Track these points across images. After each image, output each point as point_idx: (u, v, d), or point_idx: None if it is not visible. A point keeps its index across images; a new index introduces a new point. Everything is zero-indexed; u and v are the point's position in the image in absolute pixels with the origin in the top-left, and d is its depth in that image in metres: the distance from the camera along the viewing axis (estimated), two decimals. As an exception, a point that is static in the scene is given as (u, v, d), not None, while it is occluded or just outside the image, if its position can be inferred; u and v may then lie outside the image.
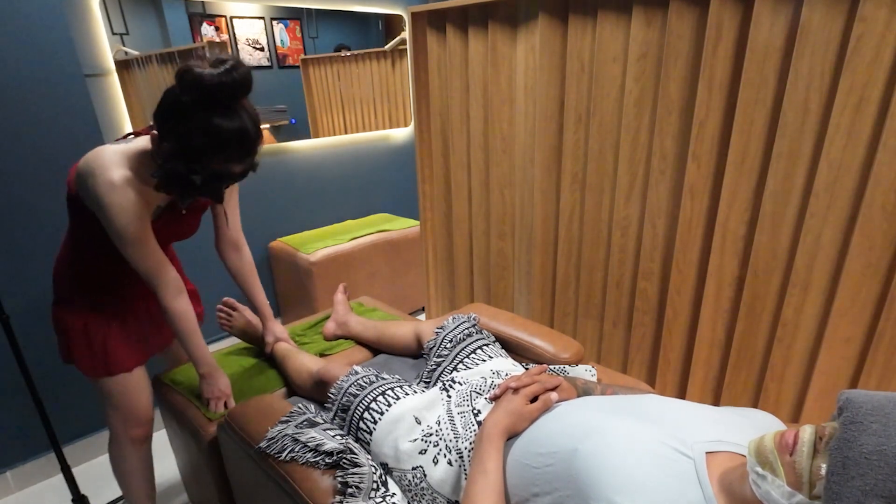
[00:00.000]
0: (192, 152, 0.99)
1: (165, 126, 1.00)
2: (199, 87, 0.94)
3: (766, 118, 1.20)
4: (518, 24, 1.60)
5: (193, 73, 0.94)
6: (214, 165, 1.02)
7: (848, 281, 1.14)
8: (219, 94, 0.96)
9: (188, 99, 0.96)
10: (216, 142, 0.99)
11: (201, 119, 0.97)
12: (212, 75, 0.94)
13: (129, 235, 1.08)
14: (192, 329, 1.25)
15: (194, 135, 0.98)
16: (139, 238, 1.10)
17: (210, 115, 0.97)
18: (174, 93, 0.98)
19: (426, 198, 2.13)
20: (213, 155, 1.00)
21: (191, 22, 2.18)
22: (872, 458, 0.54)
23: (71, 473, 1.40)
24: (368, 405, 1.07)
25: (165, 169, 1.01)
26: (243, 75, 0.97)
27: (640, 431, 0.73)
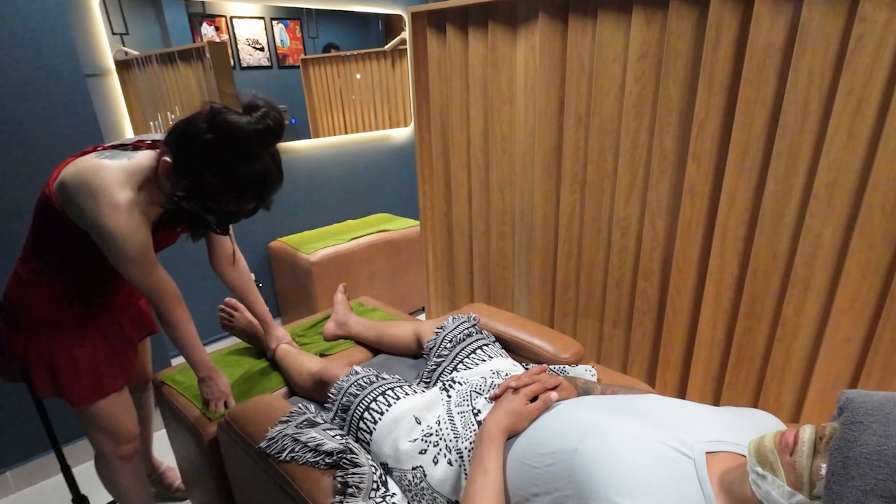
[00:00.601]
0: (211, 193, 0.99)
1: (184, 161, 0.99)
2: (232, 135, 0.94)
3: (766, 118, 1.20)
4: (518, 25, 1.60)
5: (228, 121, 0.93)
6: (230, 206, 1.02)
7: (848, 281, 1.14)
8: (251, 143, 0.96)
9: (215, 141, 0.95)
10: (237, 186, 0.99)
11: (227, 163, 0.97)
12: (249, 123, 0.94)
13: (135, 258, 1.05)
14: (192, 336, 1.23)
15: (215, 176, 0.97)
16: (144, 258, 1.07)
17: (236, 159, 0.97)
18: (199, 129, 0.96)
19: (426, 198, 2.13)
20: (231, 198, 1.01)
21: (191, 22, 2.18)
22: (872, 458, 0.54)
23: (71, 473, 1.40)
24: (368, 405, 1.07)
25: (179, 205, 1.00)
26: (277, 121, 0.97)
27: (640, 431, 0.73)
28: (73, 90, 1.60)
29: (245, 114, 0.95)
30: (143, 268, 1.08)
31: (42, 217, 1.10)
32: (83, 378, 1.20)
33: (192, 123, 0.98)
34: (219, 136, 0.95)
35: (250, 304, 1.46)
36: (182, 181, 0.99)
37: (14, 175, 1.54)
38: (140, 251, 1.05)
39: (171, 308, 1.16)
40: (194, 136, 0.97)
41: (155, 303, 1.14)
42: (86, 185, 0.98)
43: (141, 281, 1.10)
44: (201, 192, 0.99)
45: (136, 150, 1.09)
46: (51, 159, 1.59)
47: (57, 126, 1.59)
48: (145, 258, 1.08)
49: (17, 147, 1.54)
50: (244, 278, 1.43)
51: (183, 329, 1.20)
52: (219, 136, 0.95)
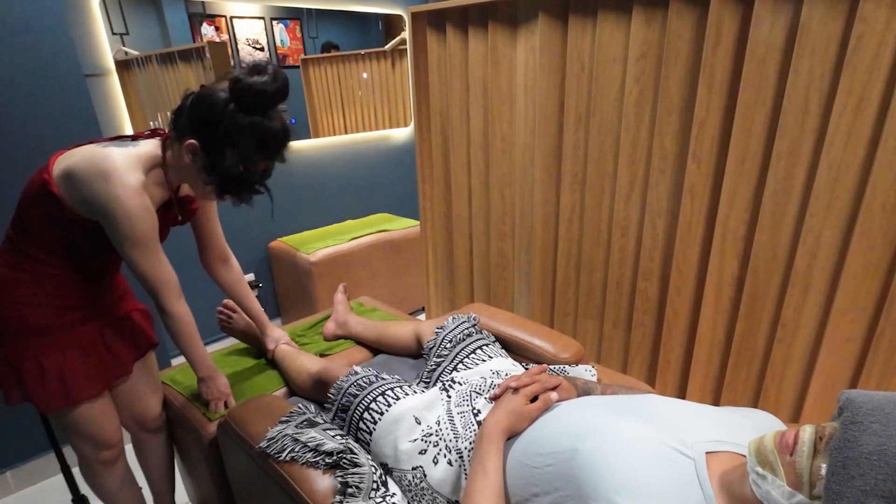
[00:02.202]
0: (245, 158, 1.06)
1: (212, 136, 1.05)
2: (258, 97, 1.02)
3: (766, 118, 1.20)
4: (518, 24, 1.60)
5: (252, 85, 1.01)
6: (260, 166, 1.10)
7: (848, 281, 1.14)
8: (275, 101, 1.04)
9: (241, 107, 1.03)
10: (267, 145, 1.07)
11: (257, 125, 1.04)
12: (268, 83, 1.02)
13: (143, 240, 1.06)
14: (192, 332, 1.21)
15: (248, 141, 1.05)
16: (152, 241, 1.09)
17: (262, 120, 1.05)
18: (222, 101, 1.03)
19: (426, 198, 2.13)
20: (261, 158, 1.08)
21: (191, 22, 2.18)
22: (873, 457, 0.54)
23: (71, 473, 1.40)
24: (368, 405, 1.07)
25: (227, 174, 1.06)
26: (284, 80, 1.05)
27: (640, 431, 0.73)
28: (73, 90, 1.60)
29: (260, 75, 1.02)
30: (149, 252, 1.09)
31: (34, 205, 1.08)
32: (49, 384, 1.13)
33: (213, 100, 1.03)
34: (244, 102, 1.02)
35: (245, 305, 1.46)
36: (213, 156, 1.06)
37: (14, 175, 1.54)
38: (149, 234, 1.07)
39: (172, 299, 1.15)
40: (221, 110, 1.03)
41: (156, 293, 1.13)
42: (99, 168, 1.00)
43: (146, 267, 1.10)
44: (237, 160, 1.05)
45: (135, 140, 1.12)
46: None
47: (57, 126, 1.59)
48: (153, 241, 1.09)
49: (17, 147, 1.54)
50: (237, 278, 1.43)
51: (183, 323, 1.18)
52: (244, 102, 1.02)
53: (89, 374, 1.18)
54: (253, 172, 1.09)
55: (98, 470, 1.31)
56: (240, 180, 1.08)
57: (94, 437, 1.25)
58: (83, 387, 1.17)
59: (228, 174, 1.07)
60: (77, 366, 1.16)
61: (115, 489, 1.35)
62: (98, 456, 1.28)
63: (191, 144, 1.06)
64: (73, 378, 1.15)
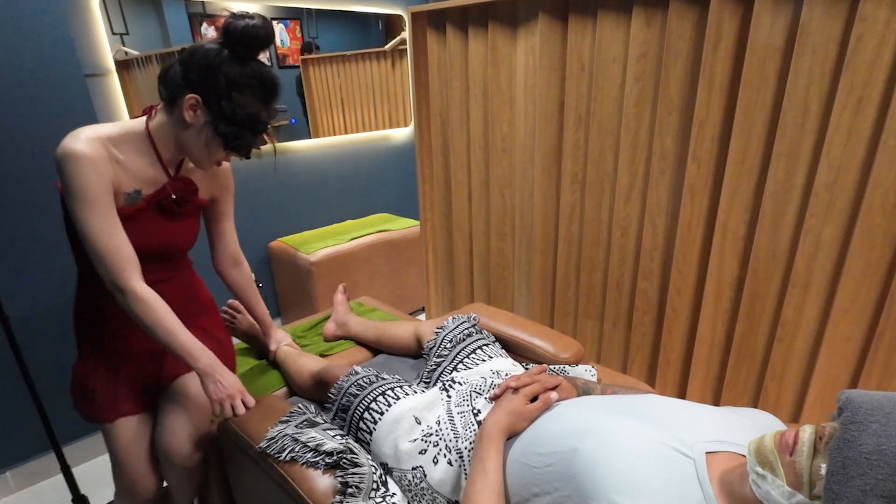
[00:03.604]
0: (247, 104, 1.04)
1: (213, 87, 1.02)
2: (249, 36, 1.01)
3: (766, 118, 1.20)
4: (518, 24, 1.60)
5: (242, 26, 1.00)
6: (262, 115, 1.07)
7: (848, 281, 1.14)
8: (267, 41, 1.03)
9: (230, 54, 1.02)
10: (264, 87, 1.05)
11: (253, 70, 1.04)
12: (255, 25, 1.01)
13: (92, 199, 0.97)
14: (164, 315, 1.03)
15: (247, 84, 1.03)
16: (102, 202, 0.98)
17: (256, 64, 1.04)
18: (215, 50, 1.01)
19: (426, 198, 2.13)
20: (261, 105, 1.06)
21: (191, 22, 2.17)
22: (872, 457, 0.54)
23: (71, 473, 1.40)
24: (368, 405, 1.07)
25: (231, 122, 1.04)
26: (270, 24, 1.04)
27: (640, 431, 0.73)
28: (73, 90, 1.60)
29: (250, 19, 1.01)
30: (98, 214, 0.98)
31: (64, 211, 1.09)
32: (77, 392, 1.20)
33: (205, 50, 1.02)
34: (238, 47, 1.02)
35: (251, 306, 1.45)
36: (217, 106, 1.03)
37: (14, 175, 1.54)
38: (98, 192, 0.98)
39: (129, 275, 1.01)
40: (217, 59, 1.01)
41: (107, 265, 1.00)
42: (60, 147, 0.97)
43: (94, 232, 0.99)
44: (242, 105, 1.04)
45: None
46: (51, 159, 1.59)
47: (57, 126, 1.59)
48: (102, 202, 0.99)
49: (17, 147, 1.54)
50: (246, 280, 1.42)
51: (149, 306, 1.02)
52: (238, 47, 1.02)
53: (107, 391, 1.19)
54: (257, 118, 1.06)
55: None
56: (249, 125, 1.06)
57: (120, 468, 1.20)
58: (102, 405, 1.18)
59: (237, 121, 1.04)
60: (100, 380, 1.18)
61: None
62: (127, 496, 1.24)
63: (192, 98, 1.02)
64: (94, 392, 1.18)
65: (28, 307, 1.65)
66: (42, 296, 1.66)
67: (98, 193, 0.98)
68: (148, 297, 1.03)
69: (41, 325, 1.68)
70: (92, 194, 0.97)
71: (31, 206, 1.59)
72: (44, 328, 1.69)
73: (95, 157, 0.97)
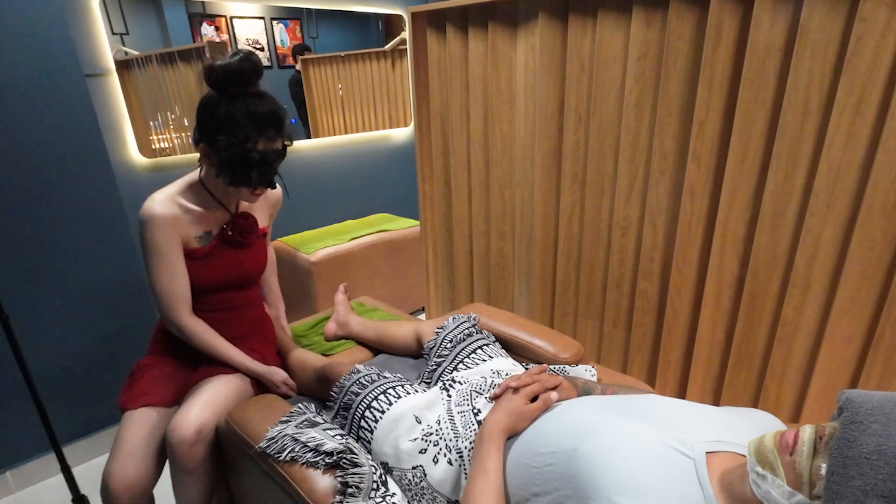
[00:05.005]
0: (245, 137, 1.11)
1: (212, 132, 1.12)
2: (229, 75, 1.08)
3: (766, 118, 1.20)
4: (518, 24, 1.60)
5: (220, 65, 1.08)
6: (262, 146, 1.13)
7: (848, 281, 1.14)
8: (237, 77, 1.08)
9: (219, 95, 1.10)
10: (252, 119, 1.11)
11: (240, 108, 1.10)
12: (230, 62, 1.08)
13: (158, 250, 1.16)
14: (212, 339, 1.26)
15: (234, 119, 1.10)
16: (168, 253, 1.17)
17: (246, 103, 1.10)
18: (205, 96, 1.12)
19: (426, 198, 2.13)
20: (260, 135, 1.12)
21: (191, 22, 2.17)
22: (872, 457, 0.54)
23: (71, 473, 1.40)
24: (370, 404, 1.07)
25: (227, 161, 1.12)
26: (250, 58, 1.11)
27: (640, 431, 0.73)
28: (73, 90, 1.60)
29: (230, 57, 1.09)
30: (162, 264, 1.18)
31: None
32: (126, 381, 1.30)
33: (204, 100, 1.12)
34: (220, 86, 1.10)
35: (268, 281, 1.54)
36: (221, 151, 1.11)
37: (14, 175, 1.54)
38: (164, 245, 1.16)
39: (179, 313, 1.22)
40: (207, 103, 1.12)
41: (163, 305, 1.21)
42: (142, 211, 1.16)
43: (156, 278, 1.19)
44: (236, 142, 1.10)
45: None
46: (51, 159, 1.59)
47: (57, 126, 1.59)
48: (168, 253, 1.17)
49: (17, 147, 1.54)
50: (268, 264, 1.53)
51: (197, 334, 1.24)
52: (220, 86, 1.10)
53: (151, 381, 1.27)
54: (251, 152, 1.12)
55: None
56: (239, 162, 1.12)
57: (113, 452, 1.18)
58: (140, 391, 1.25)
59: (227, 159, 1.12)
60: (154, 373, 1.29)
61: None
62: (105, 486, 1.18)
63: (202, 148, 1.15)
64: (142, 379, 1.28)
65: (28, 307, 1.65)
66: (42, 296, 1.66)
67: (165, 249, 1.17)
68: (195, 329, 1.25)
69: (41, 325, 1.68)
70: (160, 249, 1.17)
71: (32, 206, 1.59)
72: (44, 328, 1.69)
73: (168, 218, 1.16)
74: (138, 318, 1.88)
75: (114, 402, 1.32)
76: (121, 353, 1.86)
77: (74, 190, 1.65)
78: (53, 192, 1.61)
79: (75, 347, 1.77)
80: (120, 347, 1.86)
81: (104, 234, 1.73)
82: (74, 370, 1.78)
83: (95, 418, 1.88)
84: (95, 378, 1.83)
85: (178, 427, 1.14)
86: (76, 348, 1.77)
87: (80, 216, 1.67)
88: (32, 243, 1.62)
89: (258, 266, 1.37)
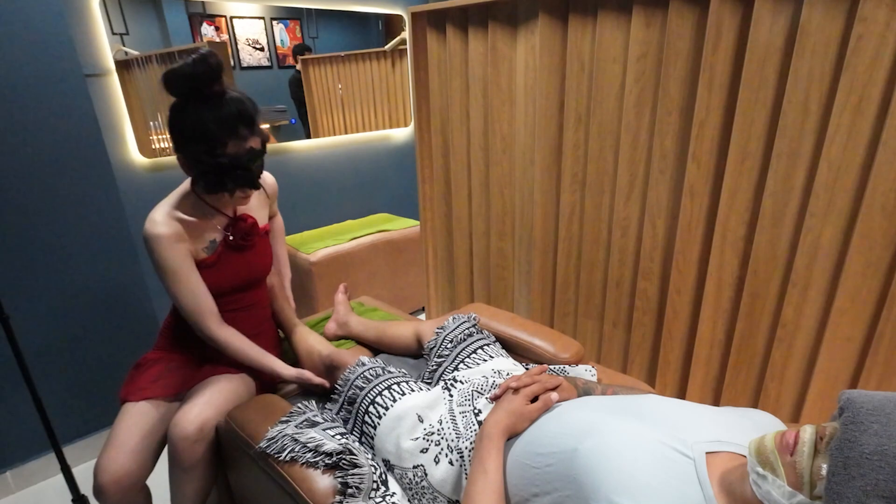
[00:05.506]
0: (212, 143, 1.07)
1: (180, 137, 1.09)
2: (178, 80, 1.04)
3: (766, 118, 1.20)
4: (518, 24, 1.60)
5: (173, 69, 1.04)
6: (232, 149, 1.09)
7: (848, 281, 1.14)
8: (197, 82, 1.04)
9: (183, 102, 1.06)
10: (225, 125, 1.07)
11: (205, 113, 1.06)
12: (182, 66, 1.03)
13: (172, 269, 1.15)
14: (246, 348, 1.26)
15: (205, 125, 1.06)
16: (181, 271, 1.16)
17: (209, 108, 1.06)
18: (173, 107, 1.09)
19: (426, 198, 2.13)
20: (227, 139, 1.08)
21: (191, 22, 2.17)
22: (873, 458, 0.54)
23: (71, 473, 1.40)
24: (374, 399, 1.07)
25: (200, 170, 1.09)
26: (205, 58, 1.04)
27: (640, 431, 0.73)
28: (73, 90, 1.60)
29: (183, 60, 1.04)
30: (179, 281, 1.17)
31: None
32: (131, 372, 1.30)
33: (171, 111, 1.09)
34: (180, 92, 1.06)
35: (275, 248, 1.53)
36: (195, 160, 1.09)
37: (14, 175, 1.54)
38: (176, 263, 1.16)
39: (210, 325, 1.22)
40: (172, 112, 1.08)
41: (193, 320, 1.21)
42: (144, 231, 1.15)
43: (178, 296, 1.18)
44: (205, 148, 1.07)
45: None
46: (51, 159, 1.59)
47: (57, 126, 1.59)
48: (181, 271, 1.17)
49: (17, 147, 1.53)
50: (277, 229, 1.54)
51: (230, 345, 1.24)
52: (180, 92, 1.06)
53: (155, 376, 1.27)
54: (219, 158, 1.08)
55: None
56: (211, 170, 1.09)
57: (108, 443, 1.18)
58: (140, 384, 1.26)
59: (200, 167, 1.09)
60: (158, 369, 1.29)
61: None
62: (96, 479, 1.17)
63: (178, 159, 1.12)
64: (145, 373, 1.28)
65: (28, 307, 1.65)
66: (42, 296, 1.66)
67: (178, 265, 1.16)
68: (226, 338, 1.24)
69: (41, 325, 1.68)
70: (173, 267, 1.16)
71: (31, 206, 1.59)
72: (44, 328, 1.69)
73: (173, 235, 1.14)
74: (138, 318, 1.88)
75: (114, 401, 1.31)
76: (121, 352, 1.86)
77: (74, 190, 1.65)
78: (53, 192, 1.61)
79: (75, 347, 1.76)
80: (120, 347, 1.86)
81: (104, 234, 1.73)
82: (74, 370, 1.78)
83: (95, 418, 1.88)
84: (95, 378, 1.83)
85: (180, 423, 1.15)
86: (76, 348, 1.77)
87: (80, 216, 1.67)
88: (32, 243, 1.62)
89: (265, 265, 1.37)
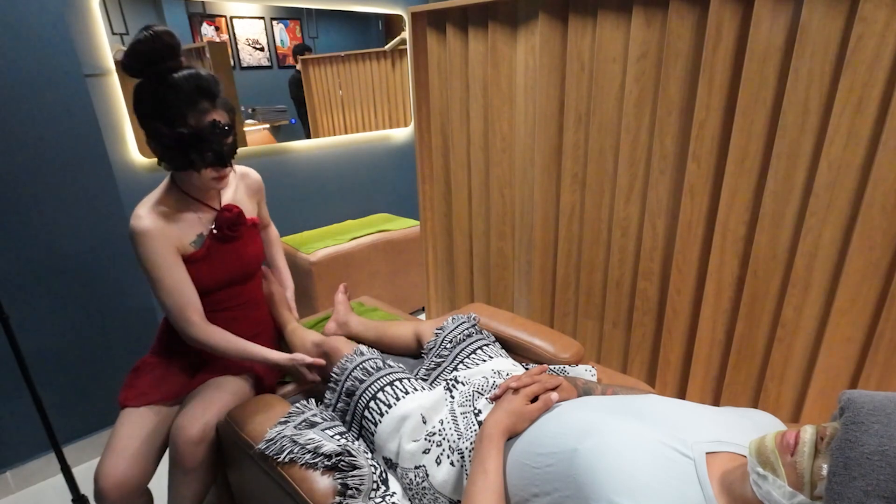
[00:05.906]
0: (170, 115, 1.06)
1: (142, 116, 1.08)
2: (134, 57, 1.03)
3: (766, 118, 1.20)
4: (518, 24, 1.60)
5: (126, 50, 1.04)
6: (193, 121, 1.08)
7: (848, 281, 1.14)
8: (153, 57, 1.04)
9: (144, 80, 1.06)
10: (184, 97, 1.06)
11: (162, 83, 1.05)
12: (136, 42, 1.03)
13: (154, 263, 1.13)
14: (233, 340, 1.21)
15: (164, 99, 1.05)
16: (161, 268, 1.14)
17: (164, 76, 1.05)
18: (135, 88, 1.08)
19: (426, 198, 2.13)
20: (186, 109, 1.07)
21: (191, 22, 2.17)
22: (874, 458, 0.54)
23: (71, 473, 1.40)
24: (375, 394, 1.07)
25: (162, 145, 1.08)
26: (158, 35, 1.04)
27: (640, 431, 0.73)
28: (73, 90, 1.60)
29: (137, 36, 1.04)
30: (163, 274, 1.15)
31: None
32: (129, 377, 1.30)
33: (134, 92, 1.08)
34: (137, 69, 1.05)
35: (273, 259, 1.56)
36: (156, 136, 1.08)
37: (14, 175, 1.54)
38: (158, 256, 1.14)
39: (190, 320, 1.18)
40: (134, 93, 1.08)
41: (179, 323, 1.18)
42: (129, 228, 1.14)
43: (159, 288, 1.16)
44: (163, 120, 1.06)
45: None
46: (51, 159, 1.59)
47: (57, 126, 1.59)
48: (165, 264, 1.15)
49: (17, 147, 1.53)
50: (273, 239, 1.56)
51: (222, 341, 1.20)
52: (137, 69, 1.05)
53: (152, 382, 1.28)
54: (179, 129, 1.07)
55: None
56: (174, 145, 1.08)
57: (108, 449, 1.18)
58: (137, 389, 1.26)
59: (162, 142, 1.08)
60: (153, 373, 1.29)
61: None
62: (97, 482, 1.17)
63: (147, 143, 1.10)
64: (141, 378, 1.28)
65: (28, 307, 1.65)
66: (42, 295, 1.66)
67: (161, 260, 1.14)
68: (210, 333, 1.20)
69: (41, 325, 1.68)
70: (155, 262, 1.14)
71: (31, 206, 1.59)
72: (44, 328, 1.69)
73: (156, 230, 1.13)
74: (138, 317, 1.88)
75: (114, 401, 1.31)
76: (120, 352, 1.86)
77: (74, 190, 1.65)
78: (53, 192, 1.61)
79: (75, 347, 1.76)
80: (119, 347, 1.86)
81: (104, 234, 1.73)
82: (74, 370, 1.78)
83: (95, 418, 1.88)
84: (95, 378, 1.83)
85: (184, 426, 1.15)
86: (76, 348, 1.77)
87: (80, 216, 1.67)
88: (32, 243, 1.62)
89: (256, 256, 1.35)
